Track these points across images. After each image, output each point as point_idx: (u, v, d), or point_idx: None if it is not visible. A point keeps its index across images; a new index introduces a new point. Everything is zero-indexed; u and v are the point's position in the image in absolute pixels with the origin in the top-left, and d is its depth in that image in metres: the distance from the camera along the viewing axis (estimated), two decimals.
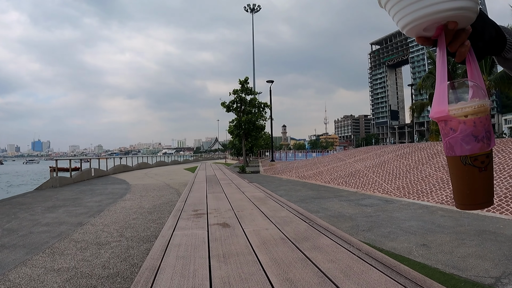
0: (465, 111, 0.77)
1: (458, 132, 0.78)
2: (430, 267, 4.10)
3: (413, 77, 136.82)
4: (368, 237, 5.56)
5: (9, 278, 4.14)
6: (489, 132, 0.80)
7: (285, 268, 1.10)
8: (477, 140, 0.78)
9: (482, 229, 5.72)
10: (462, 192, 0.81)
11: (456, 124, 0.78)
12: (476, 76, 0.86)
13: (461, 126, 0.78)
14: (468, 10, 0.75)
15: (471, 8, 0.76)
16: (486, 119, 0.79)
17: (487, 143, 0.78)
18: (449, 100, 0.79)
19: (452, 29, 0.80)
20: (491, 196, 0.82)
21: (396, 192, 10.25)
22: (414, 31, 0.81)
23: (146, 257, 1.26)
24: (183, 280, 1.03)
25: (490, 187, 0.82)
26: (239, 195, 3.09)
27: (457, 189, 0.82)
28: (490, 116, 0.82)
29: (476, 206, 0.81)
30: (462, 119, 0.77)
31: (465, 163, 0.80)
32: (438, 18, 0.76)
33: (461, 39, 0.85)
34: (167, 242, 1.48)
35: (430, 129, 33.28)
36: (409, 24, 0.78)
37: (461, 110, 0.77)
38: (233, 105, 34.54)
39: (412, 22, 0.77)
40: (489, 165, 0.80)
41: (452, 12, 0.75)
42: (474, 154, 0.79)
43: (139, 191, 13.25)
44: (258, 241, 1.47)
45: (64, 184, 16.72)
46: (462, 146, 0.79)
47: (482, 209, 0.82)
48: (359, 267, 1.09)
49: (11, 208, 9.65)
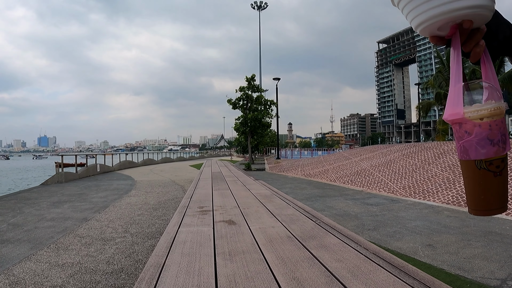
0: (481, 113, 0.75)
1: (474, 136, 0.76)
2: (436, 268, 4.07)
3: (420, 76, 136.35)
4: (374, 236, 5.53)
5: (14, 272, 4.16)
6: (505, 135, 0.78)
7: (291, 267, 1.09)
8: (492, 144, 0.76)
9: (488, 230, 5.67)
10: (476, 197, 0.79)
11: (471, 127, 0.75)
12: (491, 77, 0.84)
13: (476, 129, 0.75)
14: (484, 9, 0.73)
15: (488, 6, 0.73)
16: (502, 122, 0.77)
17: (503, 147, 0.76)
18: (464, 102, 0.77)
19: (467, 28, 0.77)
20: (505, 202, 0.80)
21: (402, 191, 10.20)
22: (428, 30, 0.78)
23: (151, 253, 1.25)
24: (188, 278, 1.01)
25: (505, 192, 0.80)
26: (245, 193, 3.07)
27: (470, 193, 0.80)
28: (505, 119, 0.80)
29: (489, 212, 0.79)
30: (478, 122, 0.75)
31: (479, 168, 0.78)
32: (453, 17, 0.73)
33: (476, 39, 0.82)
34: (172, 239, 1.47)
35: (437, 129, 33.10)
36: (423, 23, 0.76)
37: (477, 113, 0.74)
38: (240, 102, 34.57)
39: (426, 21, 0.75)
40: (504, 170, 0.78)
41: (468, 10, 0.72)
42: (489, 158, 0.77)
43: (144, 187, 13.28)
44: (264, 239, 1.46)
45: (69, 180, 16.79)
46: (477, 150, 0.77)
47: (496, 214, 0.79)
48: (367, 267, 1.07)
49: (17, 203, 9.71)
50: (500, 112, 0.77)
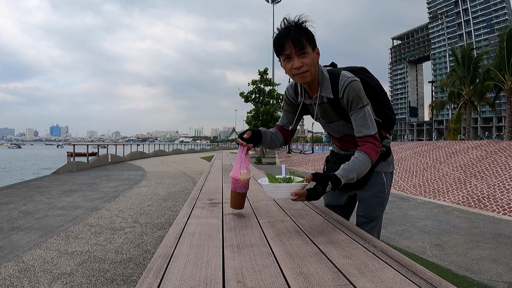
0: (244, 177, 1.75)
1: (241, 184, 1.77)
2: (443, 268, 4.06)
3: (434, 74, 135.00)
4: (382, 234, 5.52)
5: (23, 259, 4.22)
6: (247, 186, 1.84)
7: (299, 262, 1.09)
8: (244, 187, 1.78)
9: (498, 232, 5.63)
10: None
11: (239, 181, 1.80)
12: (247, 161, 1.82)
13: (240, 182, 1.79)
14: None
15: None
16: (248, 182, 1.80)
17: (246, 188, 1.83)
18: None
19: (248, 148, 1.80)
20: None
21: (412, 190, 10.15)
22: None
23: (160, 244, 1.26)
24: (196, 269, 1.02)
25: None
26: (254, 186, 3.07)
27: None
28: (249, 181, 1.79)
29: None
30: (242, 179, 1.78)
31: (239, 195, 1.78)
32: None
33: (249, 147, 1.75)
34: (181, 230, 1.48)
35: (449, 128, 32.79)
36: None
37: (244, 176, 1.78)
38: (252, 96, 34.56)
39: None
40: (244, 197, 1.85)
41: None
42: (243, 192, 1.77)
43: (155, 178, 13.37)
44: (273, 232, 1.46)
45: (81, 169, 16.95)
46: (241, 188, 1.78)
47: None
48: (374, 265, 1.07)
49: (28, 191, 9.83)
50: (248, 178, 1.72)
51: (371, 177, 2.01)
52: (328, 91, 1.77)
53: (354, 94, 1.69)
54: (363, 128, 1.72)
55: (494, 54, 28.19)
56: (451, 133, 30.81)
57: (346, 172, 1.60)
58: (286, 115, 2.04)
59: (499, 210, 7.08)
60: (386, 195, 2.05)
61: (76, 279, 3.63)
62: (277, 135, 1.99)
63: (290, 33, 1.62)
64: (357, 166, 1.63)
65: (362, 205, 2.06)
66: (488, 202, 7.69)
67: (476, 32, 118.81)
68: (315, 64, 1.71)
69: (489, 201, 7.70)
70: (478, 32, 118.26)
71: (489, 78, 27.31)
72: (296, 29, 1.63)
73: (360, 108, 1.71)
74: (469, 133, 31.52)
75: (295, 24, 1.66)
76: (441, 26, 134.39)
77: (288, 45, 1.63)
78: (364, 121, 1.71)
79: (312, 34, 1.69)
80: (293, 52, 1.64)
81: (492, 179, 9.16)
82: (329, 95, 1.77)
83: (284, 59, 1.68)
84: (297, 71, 1.67)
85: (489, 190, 8.37)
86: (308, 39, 1.65)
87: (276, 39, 1.67)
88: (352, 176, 1.61)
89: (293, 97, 1.96)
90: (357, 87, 1.70)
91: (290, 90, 1.98)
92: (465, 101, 30.63)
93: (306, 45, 1.64)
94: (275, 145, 1.96)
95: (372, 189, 2.02)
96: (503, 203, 7.36)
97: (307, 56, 1.65)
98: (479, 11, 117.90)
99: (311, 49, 1.67)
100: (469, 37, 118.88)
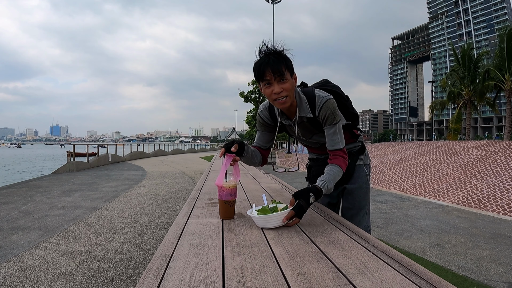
0: (229, 184, 1.71)
1: (225, 191, 1.73)
2: (443, 268, 4.06)
3: (434, 74, 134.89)
4: (382, 234, 5.52)
5: (23, 259, 4.22)
6: (235, 194, 1.83)
7: (299, 262, 1.09)
8: (230, 195, 1.75)
9: (498, 232, 5.62)
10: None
11: (224, 188, 1.73)
12: (238, 172, 1.84)
13: (225, 189, 1.73)
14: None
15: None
16: (235, 188, 1.75)
17: (233, 196, 1.79)
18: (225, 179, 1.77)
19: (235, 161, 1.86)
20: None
21: (412, 189, 10.14)
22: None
23: (160, 244, 1.26)
24: (195, 269, 1.02)
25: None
26: (254, 186, 3.07)
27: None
28: (236, 188, 1.75)
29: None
30: (226, 187, 1.71)
31: (225, 203, 1.75)
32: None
33: (236, 159, 1.81)
34: (181, 230, 1.48)
35: (449, 128, 32.76)
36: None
37: (228, 183, 1.72)
38: (252, 96, 34.57)
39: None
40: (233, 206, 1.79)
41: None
42: (229, 200, 1.73)
43: (155, 178, 13.37)
44: (273, 232, 1.46)
45: (80, 169, 16.95)
46: (226, 196, 1.72)
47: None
48: (374, 264, 1.07)
49: (28, 191, 9.83)
50: (235, 185, 1.70)
51: (354, 171, 2.28)
52: (307, 111, 1.92)
53: (329, 112, 1.87)
54: (334, 142, 1.90)
55: (494, 54, 28.15)
56: (451, 133, 30.77)
57: (325, 183, 1.75)
58: (262, 135, 2.15)
59: (499, 210, 7.08)
60: (369, 184, 2.35)
61: (76, 279, 3.63)
62: (256, 153, 2.08)
63: (269, 61, 1.72)
64: (332, 177, 1.80)
65: (350, 197, 2.30)
66: (488, 202, 7.69)
67: (476, 32, 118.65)
68: (293, 89, 1.84)
69: (489, 201, 7.70)
70: (478, 32, 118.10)
71: (489, 78, 27.25)
72: (274, 58, 1.73)
73: (333, 124, 1.89)
74: (469, 133, 31.48)
75: (274, 52, 1.76)
76: (441, 26, 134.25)
77: (268, 72, 1.73)
78: (335, 136, 1.90)
79: (290, 61, 1.81)
80: (273, 79, 1.75)
81: (492, 179, 9.16)
82: (308, 114, 1.92)
83: (265, 85, 1.79)
84: (276, 96, 1.77)
85: (489, 190, 8.37)
86: (287, 66, 1.76)
87: (256, 66, 1.77)
88: (330, 187, 1.78)
89: (268, 118, 2.09)
90: (331, 105, 1.88)
91: (265, 112, 2.09)
92: (465, 101, 30.59)
93: (285, 72, 1.75)
94: (254, 162, 2.05)
95: (358, 181, 2.28)
96: (503, 203, 7.36)
97: (286, 82, 1.76)
98: (479, 11, 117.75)
99: (290, 75, 1.79)
100: (469, 37, 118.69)
